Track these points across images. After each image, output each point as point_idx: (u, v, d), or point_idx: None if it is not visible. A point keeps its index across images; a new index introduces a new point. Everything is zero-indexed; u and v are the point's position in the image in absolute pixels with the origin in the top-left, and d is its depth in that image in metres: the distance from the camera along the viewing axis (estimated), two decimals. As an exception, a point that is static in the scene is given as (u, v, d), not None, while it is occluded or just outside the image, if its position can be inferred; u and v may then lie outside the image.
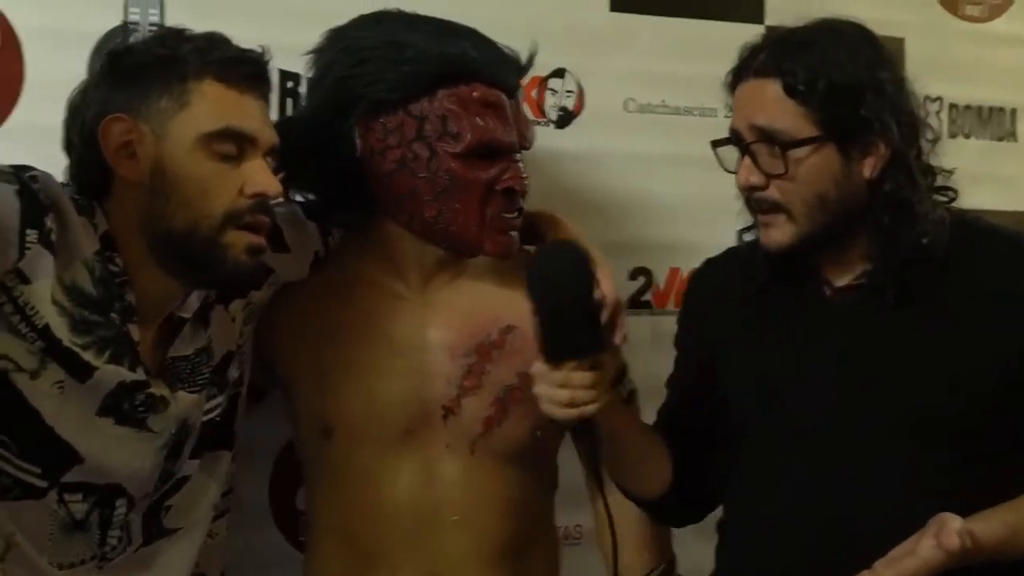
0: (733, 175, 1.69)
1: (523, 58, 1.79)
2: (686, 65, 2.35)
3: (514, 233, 1.74)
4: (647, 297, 2.36)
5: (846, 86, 1.59)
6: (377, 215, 1.77)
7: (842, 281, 1.70)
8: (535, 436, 1.78)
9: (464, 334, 1.76)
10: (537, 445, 1.79)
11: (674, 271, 2.38)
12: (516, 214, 1.74)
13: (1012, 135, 2.70)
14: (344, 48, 1.73)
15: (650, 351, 2.31)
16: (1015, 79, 2.66)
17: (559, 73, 2.27)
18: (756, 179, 1.63)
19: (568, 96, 2.27)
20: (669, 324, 2.32)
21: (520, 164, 1.74)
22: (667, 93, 2.36)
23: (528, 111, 2.20)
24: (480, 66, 1.70)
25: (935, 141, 1.70)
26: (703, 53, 2.33)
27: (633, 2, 2.33)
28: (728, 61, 2.24)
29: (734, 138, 1.67)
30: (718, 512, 1.88)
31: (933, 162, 1.70)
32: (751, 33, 2.30)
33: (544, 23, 2.22)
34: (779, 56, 1.63)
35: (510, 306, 1.74)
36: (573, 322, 1.49)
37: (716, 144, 1.72)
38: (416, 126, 1.67)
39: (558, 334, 1.50)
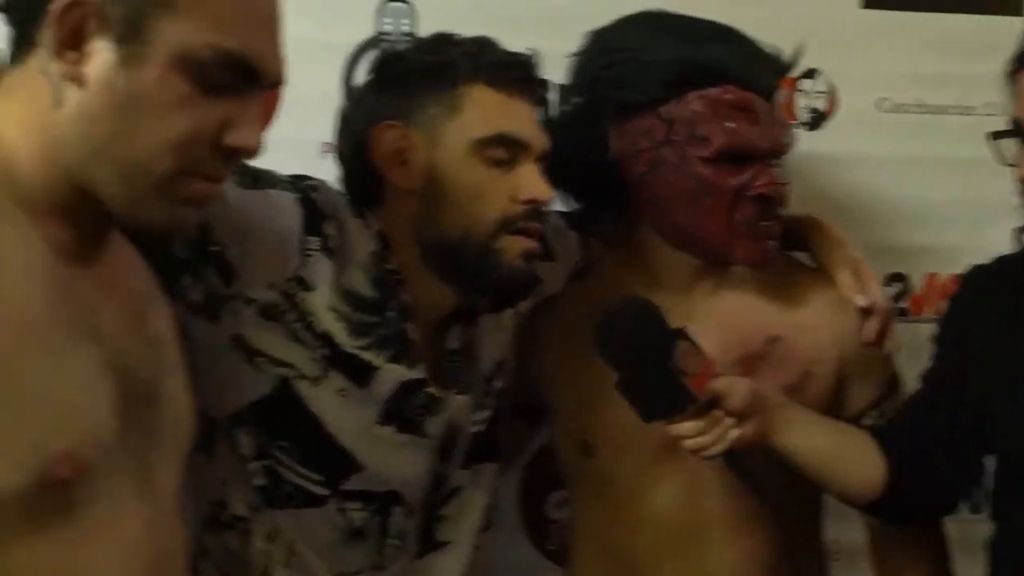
0: (989, 176, 1.69)
1: (782, 58, 1.74)
2: (941, 62, 2.26)
3: (771, 241, 1.68)
4: (904, 303, 2.27)
5: None
6: (634, 223, 1.74)
7: None
8: None
9: (727, 346, 1.68)
10: None
11: (931, 276, 2.29)
12: (772, 221, 1.68)
13: None
14: (599, 50, 1.72)
15: (905, 360, 2.23)
16: None
17: (810, 74, 2.21)
18: None
19: (819, 97, 2.21)
20: (927, 332, 2.25)
21: (776, 169, 1.69)
22: (922, 92, 2.26)
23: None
24: (732, 68, 1.65)
25: None
26: (959, 49, 2.27)
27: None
28: (985, 56, 2.17)
29: (1015, 128, 1.58)
30: (984, 528, 1.77)
31: None
32: (1009, 27, 2.25)
33: (794, 23, 2.15)
34: None
35: (776, 316, 1.71)
36: (649, 385, 1.46)
37: (996, 136, 1.64)
38: (665, 129, 1.63)
39: (637, 399, 1.47)
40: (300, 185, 1.52)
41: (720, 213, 1.63)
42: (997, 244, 2.25)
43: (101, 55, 1.05)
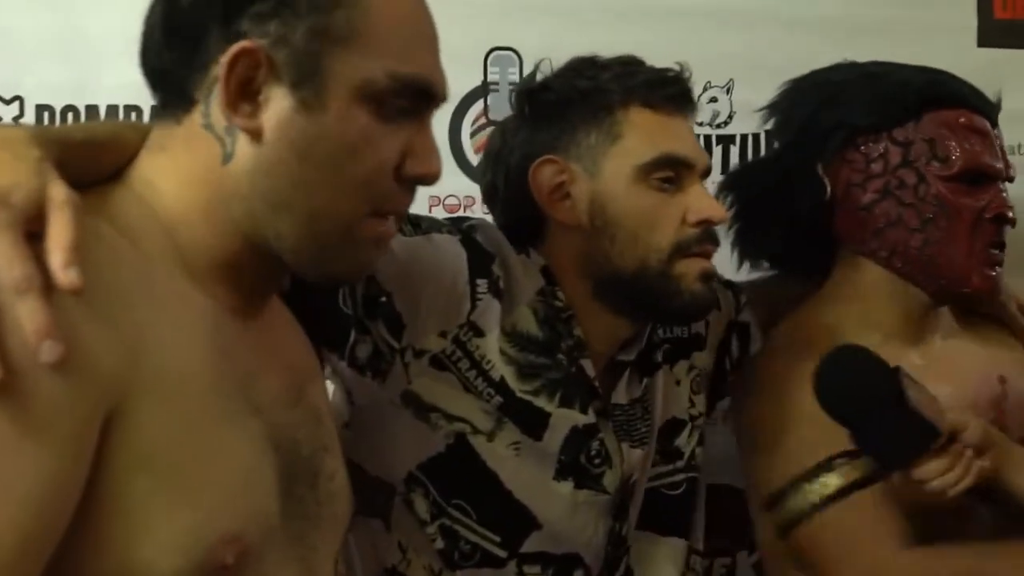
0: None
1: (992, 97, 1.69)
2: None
3: (999, 269, 1.61)
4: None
5: None
6: (844, 258, 1.66)
7: None
8: None
9: (965, 386, 1.61)
10: None
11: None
12: (1000, 249, 1.61)
13: None
14: (814, 85, 1.67)
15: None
16: None
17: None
18: None
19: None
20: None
21: (1005, 194, 1.63)
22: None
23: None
24: (965, 92, 1.62)
25: None
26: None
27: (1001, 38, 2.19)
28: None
29: None
30: None
31: None
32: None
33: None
34: None
35: (999, 355, 1.68)
36: (888, 429, 1.38)
37: None
38: (901, 152, 1.58)
39: (879, 448, 1.41)
40: (462, 227, 1.46)
41: (961, 236, 1.57)
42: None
43: (277, 103, 0.99)
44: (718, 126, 2.11)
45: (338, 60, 1.00)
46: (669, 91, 1.47)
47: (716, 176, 1.81)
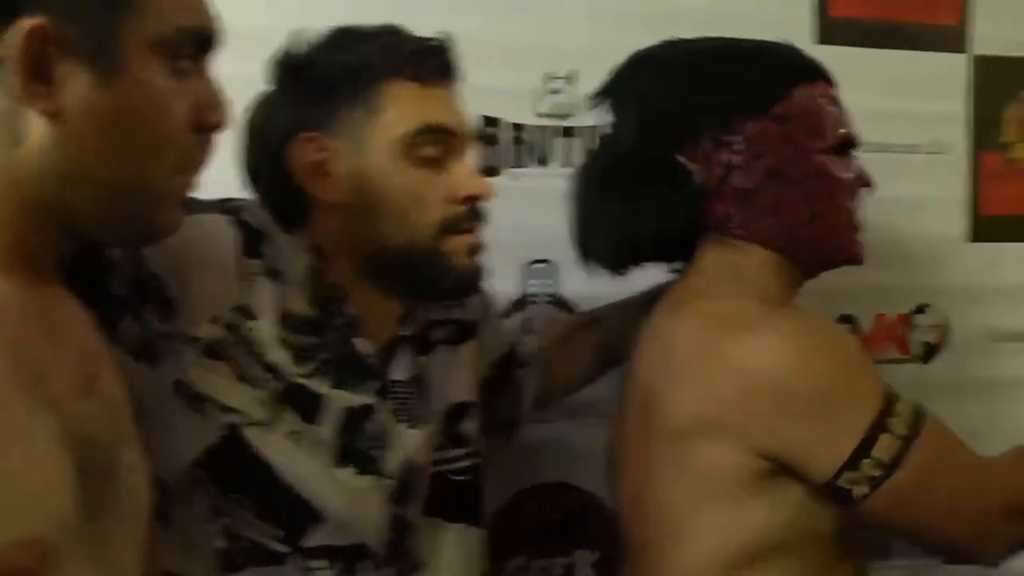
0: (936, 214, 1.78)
1: None
2: (890, 98, 2.21)
3: None
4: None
5: None
6: (721, 243, 1.56)
7: None
8: None
9: None
10: None
11: (880, 317, 2.27)
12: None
13: None
14: (667, 72, 1.56)
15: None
16: None
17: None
18: None
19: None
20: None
21: None
22: (875, 129, 2.20)
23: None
24: (818, 64, 1.59)
25: None
26: (907, 87, 2.23)
27: (839, 35, 2.21)
28: (931, 95, 2.17)
29: None
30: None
31: None
32: (954, 63, 2.24)
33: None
34: None
35: None
36: None
37: None
38: (781, 129, 1.51)
39: None
40: (228, 206, 1.40)
41: (842, 207, 1.54)
42: (946, 282, 2.26)
43: (74, 80, 0.96)
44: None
45: (128, 24, 0.98)
46: (432, 62, 1.43)
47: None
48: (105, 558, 1.03)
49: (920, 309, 2.25)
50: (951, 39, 2.30)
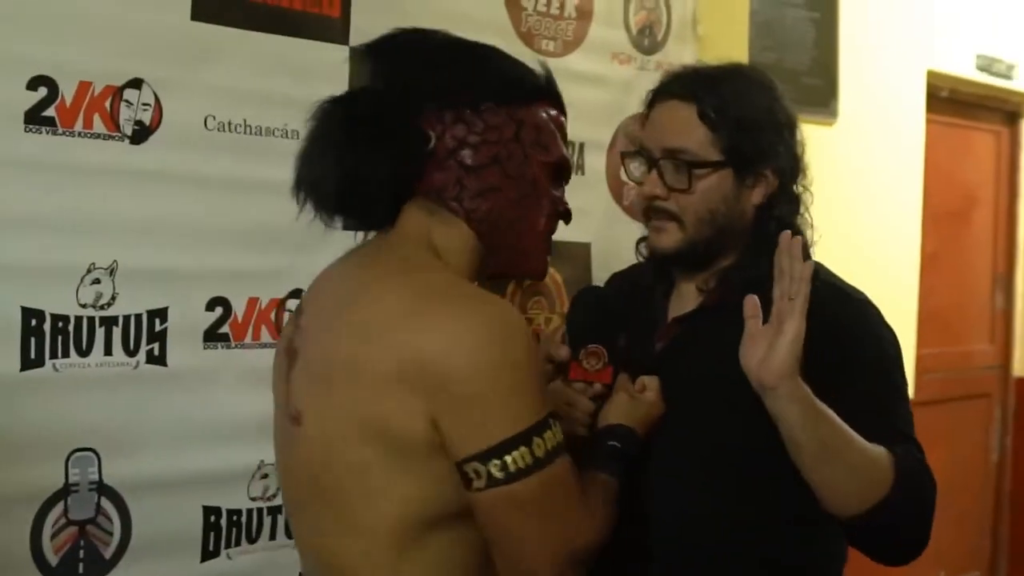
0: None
1: None
2: (269, 83, 2.24)
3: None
4: (225, 329, 2.21)
5: (751, 121, 1.83)
6: (430, 212, 1.62)
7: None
8: None
9: None
10: None
11: (253, 301, 2.26)
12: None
13: (581, 168, 2.80)
14: (437, 47, 1.66)
15: (233, 386, 2.19)
16: (584, 114, 2.75)
17: (135, 84, 2.08)
18: (660, 191, 1.85)
19: (145, 110, 2.08)
20: (250, 358, 2.23)
21: None
22: (249, 111, 2.22)
23: (100, 124, 2.04)
24: (562, 99, 1.72)
25: (809, 184, 1.96)
26: (286, 71, 2.26)
27: (215, 13, 2.17)
28: (311, 82, 2.18)
29: (645, 154, 1.89)
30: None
31: None
32: (335, 53, 2.29)
33: (119, 25, 2.05)
34: (697, 85, 1.86)
35: None
36: None
37: (624, 156, 2.04)
38: (515, 129, 1.63)
39: None
40: None
41: (538, 220, 1.66)
42: (319, 268, 2.28)
43: None
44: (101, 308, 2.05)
45: None
46: None
47: None
48: None
49: (294, 294, 2.27)
50: (333, 30, 2.34)
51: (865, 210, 4.03)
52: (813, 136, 3.79)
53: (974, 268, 4.99)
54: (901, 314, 4.22)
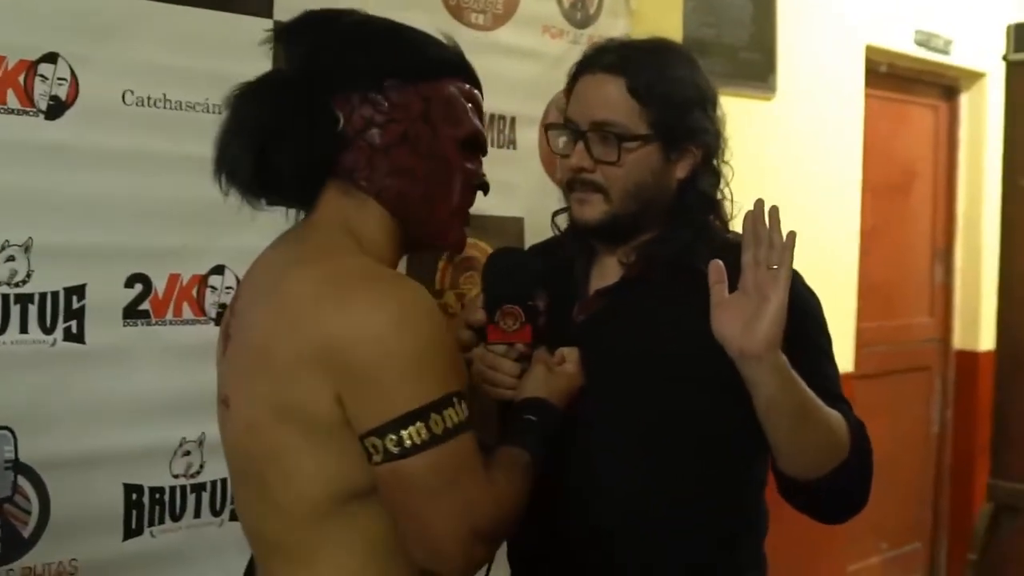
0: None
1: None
2: (189, 57, 2.22)
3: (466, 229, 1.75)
4: (145, 306, 2.19)
5: (678, 97, 1.84)
6: (346, 193, 1.62)
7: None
8: None
9: None
10: None
11: (174, 277, 2.24)
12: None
13: (512, 143, 2.79)
14: (345, 29, 1.65)
15: (150, 364, 2.18)
16: (515, 88, 2.74)
17: (51, 58, 2.05)
18: (587, 163, 1.83)
19: (61, 84, 2.06)
20: (170, 335, 2.22)
21: None
22: (169, 86, 2.20)
23: (14, 99, 2.01)
24: (475, 72, 1.73)
25: (729, 158, 1.94)
26: (207, 45, 2.25)
27: (136, -14, 2.15)
28: (233, 54, 2.17)
29: (570, 126, 1.87)
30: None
31: None
32: (259, 27, 2.27)
33: (32, 1, 2.02)
34: (625, 59, 1.85)
35: None
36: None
37: (549, 128, 2.01)
38: (423, 106, 1.63)
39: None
40: None
41: (453, 194, 1.67)
42: (243, 245, 2.27)
43: None
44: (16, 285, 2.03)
45: None
46: None
47: None
48: None
49: (216, 270, 2.25)
50: (256, 3, 2.32)
51: (804, 184, 4.04)
52: (751, 111, 3.92)
53: (913, 242, 5.02)
54: (841, 288, 4.26)
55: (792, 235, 1.63)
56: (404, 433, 1.44)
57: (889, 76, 4.62)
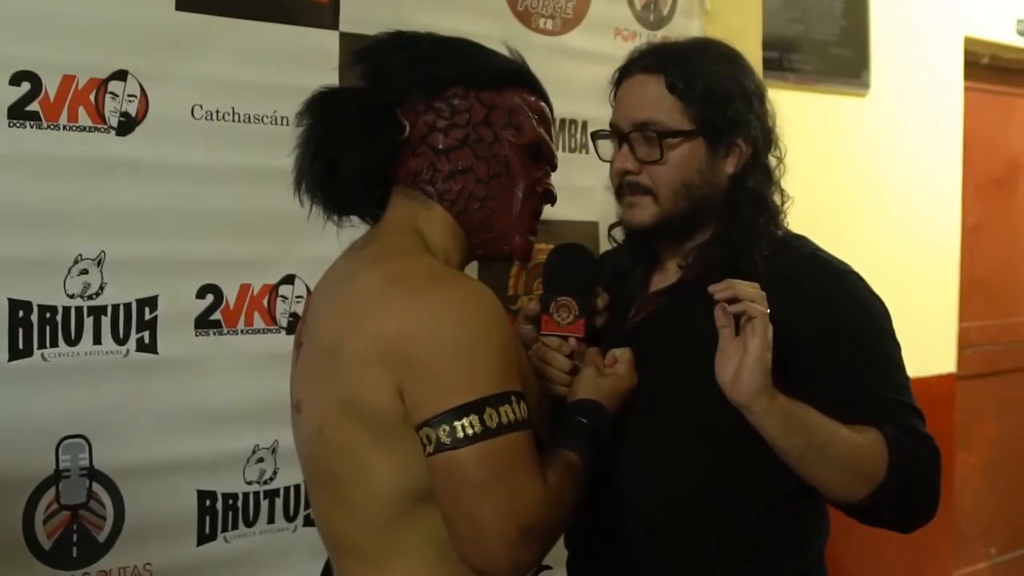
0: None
1: None
2: (255, 71, 2.27)
3: (534, 238, 1.76)
4: (217, 316, 2.24)
5: (719, 91, 1.83)
6: (412, 198, 1.68)
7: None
8: None
9: None
10: None
11: (245, 288, 2.28)
12: (539, 221, 1.77)
13: (584, 147, 2.78)
14: (414, 44, 1.70)
15: (226, 374, 2.23)
16: (587, 93, 2.73)
17: (120, 75, 2.11)
18: (632, 165, 1.84)
19: (131, 101, 2.12)
20: (242, 344, 2.27)
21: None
22: (236, 100, 2.25)
23: (86, 116, 2.07)
24: (541, 85, 1.77)
25: (782, 155, 1.92)
26: (273, 59, 2.28)
27: (201, 3, 2.19)
28: (301, 68, 2.20)
29: (615, 131, 1.88)
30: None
31: None
32: (325, 38, 2.31)
33: (102, 19, 2.08)
34: (664, 58, 1.86)
35: None
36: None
37: (596, 136, 1.99)
38: (485, 112, 1.68)
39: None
40: None
41: (513, 200, 1.69)
42: (313, 255, 2.30)
43: None
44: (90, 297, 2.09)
45: None
46: None
47: None
48: None
49: (287, 280, 2.29)
50: (322, 15, 2.35)
51: (900, 182, 3.96)
52: (843, 108, 3.85)
53: (1020, 237, 4.88)
54: (941, 286, 4.16)
55: (753, 284, 1.65)
56: (458, 424, 1.45)
57: (991, 68, 4.50)
